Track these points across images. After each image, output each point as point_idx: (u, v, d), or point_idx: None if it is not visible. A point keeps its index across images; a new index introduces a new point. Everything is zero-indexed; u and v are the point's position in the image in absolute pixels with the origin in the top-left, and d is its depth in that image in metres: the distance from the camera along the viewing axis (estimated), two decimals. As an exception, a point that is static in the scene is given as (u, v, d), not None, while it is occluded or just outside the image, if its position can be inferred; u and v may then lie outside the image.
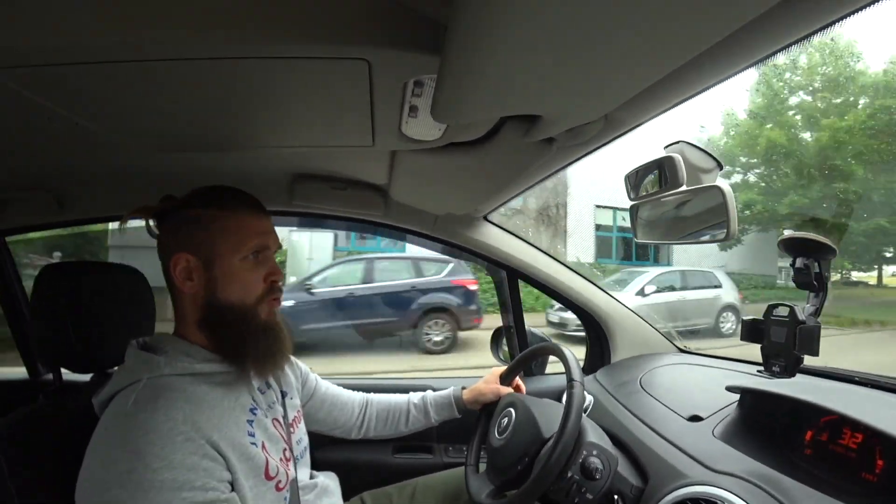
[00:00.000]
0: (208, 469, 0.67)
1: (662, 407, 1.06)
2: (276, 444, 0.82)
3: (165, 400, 0.69)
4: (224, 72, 0.59)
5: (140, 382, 0.72)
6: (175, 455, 0.65)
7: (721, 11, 0.39)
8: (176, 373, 0.74)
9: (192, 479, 0.65)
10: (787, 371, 0.95)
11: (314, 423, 1.11)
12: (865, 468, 0.71)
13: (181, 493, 0.64)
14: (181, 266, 0.77)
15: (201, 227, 0.78)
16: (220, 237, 0.78)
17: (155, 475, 0.63)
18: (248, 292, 0.79)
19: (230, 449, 0.71)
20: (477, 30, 0.40)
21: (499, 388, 1.17)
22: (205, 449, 0.68)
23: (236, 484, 0.71)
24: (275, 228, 0.86)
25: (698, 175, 0.88)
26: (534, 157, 0.85)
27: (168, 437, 0.65)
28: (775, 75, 10.18)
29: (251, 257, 0.79)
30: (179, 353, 0.77)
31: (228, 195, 0.81)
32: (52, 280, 0.87)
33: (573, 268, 1.51)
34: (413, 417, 1.17)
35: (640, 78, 0.52)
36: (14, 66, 0.56)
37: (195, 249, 0.77)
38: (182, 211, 0.80)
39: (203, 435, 0.68)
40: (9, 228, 1.42)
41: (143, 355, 0.76)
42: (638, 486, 0.87)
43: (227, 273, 0.78)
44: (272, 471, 0.77)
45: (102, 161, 1.02)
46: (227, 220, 0.78)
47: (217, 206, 0.79)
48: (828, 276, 0.91)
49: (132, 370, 0.74)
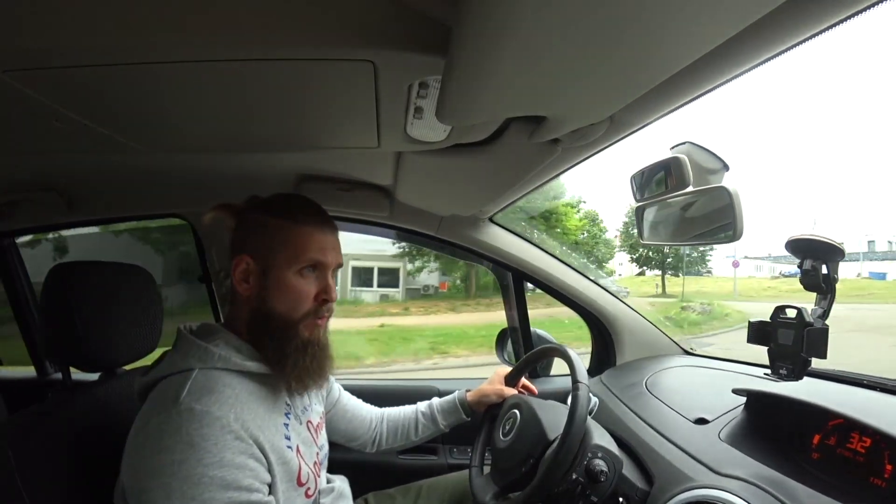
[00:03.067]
0: (254, 470, 0.68)
1: (668, 409, 1.06)
2: (310, 449, 0.83)
3: (219, 395, 0.69)
4: (231, 74, 0.60)
5: (193, 372, 0.72)
6: (226, 453, 0.65)
7: (725, 13, 0.39)
8: (228, 367, 0.74)
9: (240, 479, 0.66)
10: (795, 374, 0.94)
11: (334, 434, 1.11)
12: (874, 473, 0.71)
13: (227, 492, 0.64)
14: (241, 268, 0.79)
15: (267, 234, 0.79)
16: (279, 247, 0.78)
17: (206, 470, 0.63)
18: (296, 306, 0.79)
19: (272, 451, 0.72)
20: (482, 31, 0.40)
21: (503, 390, 1.16)
22: (252, 449, 0.69)
23: (273, 488, 0.72)
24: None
25: (705, 176, 0.88)
26: (539, 158, 0.85)
27: (221, 434, 0.66)
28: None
29: (307, 272, 0.79)
30: (231, 347, 0.77)
31: (298, 206, 0.81)
32: (61, 279, 0.88)
33: (579, 269, 1.50)
34: (423, 426, 1.18)
35: (645, 79, 0.52)
36: (23, 69, 0.56)
37: (256, 254, 0.78)
38: (256, 214, 0.80)
39: (251, 435, 0.69)
40: (18, 229, 1.44)
41: (197, 344, 0.76)
42: (643, 488, 0.86)
43: (279, 283, 0.78)
44: (304, 477, 0.78)
45: (110, 162, 1.02)
46: (289, 231, 0.79)
47: (284, 216, 0.79)
48: (836, 278, 0.90)
49: (185, 357, 0.74)
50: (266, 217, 0.79)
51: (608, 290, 1.51)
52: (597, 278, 1.52)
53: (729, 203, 0.82)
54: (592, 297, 1.49)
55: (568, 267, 1.49)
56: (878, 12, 0.42)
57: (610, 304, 1.50)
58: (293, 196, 0.83)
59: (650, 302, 14.66)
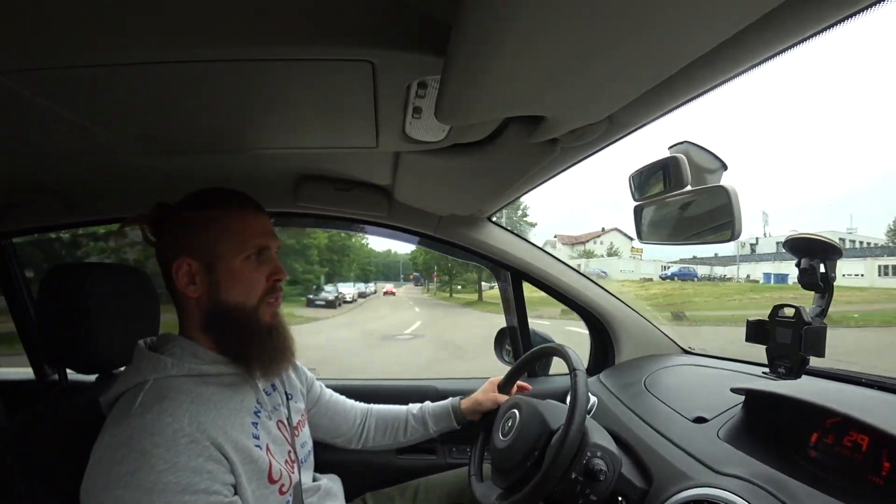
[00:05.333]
0: (212, 472, 0.67)
1: (667, 408, 1.06)
2: (281, 447, 0.82)
3: (171, 401, 0.69)
4: (229, 74, 0.60)
5: (147, 383, 0.72)
6: (180, 458, 0.65)
7: (724, 12, 0.39)
8: (183, 373, 0.74)
9: (196, 482, 0.65)
10: (793, 372, 0.94)
11: (317, 431, 1.11)
12: (872, 470, 0.71)
13: (184, 495, 0.64)
14: (183, 271, 0.77)
15: (200, 229, 0.77)
16: (220, 238, 0.77)
17: (159, 477, 0.63)
18: (251, 293, 0.79)
19: (234, 451, 0.71)
20: (481, 31, 0.40)
21: (497, 397, 1.16)
22: (209, 451, 0.68)
23: (239, 488, 0.71)
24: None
25: (703, 175, 0.88)
26: (538, 158, 0.85)
27: (173, 439, 0.65)
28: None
29: (254, 258, 0.79)
30: (187, 353, 0.77)
31: (225, 196, 0.81)
32: (58, 281, 0.88)
33: (576, 269, 1.50)
34: (412, 428, 1.17)
35: (643, 79, 0.52)
36: (19, 70, 0.56)
37: (196, 253, 0.77)
38: (179, 215, 0.79)
39: (208, 437, 0.68)
40: (15, 230, 1.43)
41: (150, 356, 0.76)
42: (642, 487, 0.86)
43: (229, 274, 0.78)
44: (275, 474, 0.77)
45: (108, 163, 1.02)
46: (227, 221, 0.78)
47: (215, 207, 0.79)
48: (833, 277, 0.90)
49: (139, 370, 0.74)
50: (197, 213, 0.78)
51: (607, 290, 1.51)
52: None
53: (727, 202, 0.82)
54: (591, 297, 1.49)
55: (566, 266, 1.49)
56: (878, 12, 0.43)
57: (608, 303, 1.50)
58: (214, 189, 0.82)
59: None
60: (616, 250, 41.90)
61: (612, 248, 42.37)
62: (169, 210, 0.81)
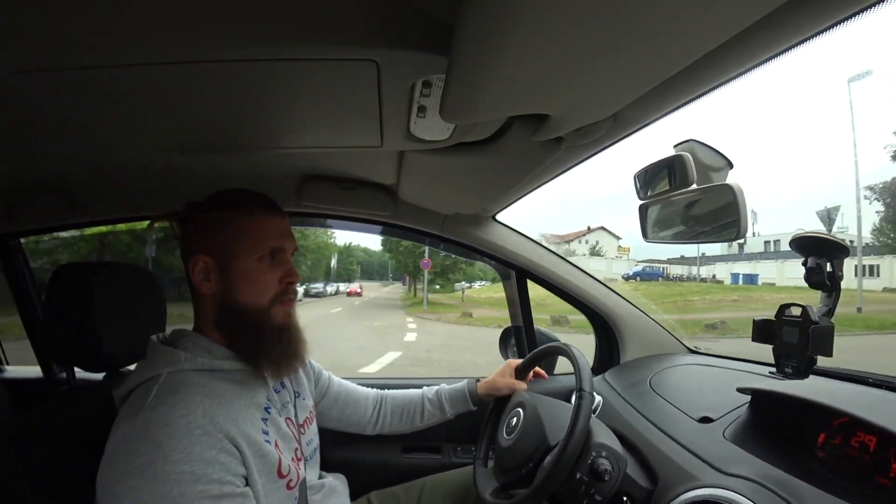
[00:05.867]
0: (225, 463, 0.68)
1: (672, 408, 1.05)
2: (289, 444, 0.83)
3: (185, 394, 0.70)
4: (234, 74, 0.60)
5: (161, 377, 0.73)
6: (193, 448, 0.66)
7: (729, 10, 0.39)
8: (195, 368, 0.76)
9: (210, 473, 0.66)
10: (800, 372, 0.94)
11: (328, 421, 1.12)
12: (880, 471, 0.70)
13: (198, 485, 0.65)
14: (199, 267, 0.79)
15: (218, 229, 0.79)
16: (236, 239, 0.79)
17: (174, 467, 0.64)
18: (263, 293, 0.80)
19: (246, 444, 0.72)
20: (485, 30, 0.40)
21: (514, 383, 1.17)
22: (222, 443, 0.69)
23: (250, 479, 0.72)
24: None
25: (708, 174, 0.87)
26: (542, 157, 0.85)
27: (187, 431, 0.66)
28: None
29: (267, 259, 0.80)
30: (199, 348, 0.78)
31: (245, 197, 0.82)
32: (65, 280, 0.88)
33: (582, 268, 1.50)
34: (428, 412, 1.18)
35: (648, 77, 0.52)
36: (27, 70, 0.57)
37: (212, 251, 0.79)
38: (202, 214, 0.81)
39: (221, 429, 0.69)
40: (22, 230, 1.44)
41: (164, 349, 0.77)
42: (647, 487, 0.86)
43: (242, 274, 0.79)
44: (284, 469, 0.78)
45: (114, 163, 1.03)
46: (242, 222, 0.80)
47: (233, 208, 0.80)
48: (840, 276, 0.89)
49: (153, 364, 0.76)
50: (217, 213, 0.80)
51: (613, 290, 1.51)
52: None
53: (733, 200, 0.82)
54: (596, 296, 1.48)
55: (572, 266, 1.49)
56: (878, 13, 0.42)
57: (614, 302, 1.49)
58: (236, 190, 0.84)
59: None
60: (600, 249, 41.48)
61: (595, 248, 41.89)
62: (196, 207, 0.83)
